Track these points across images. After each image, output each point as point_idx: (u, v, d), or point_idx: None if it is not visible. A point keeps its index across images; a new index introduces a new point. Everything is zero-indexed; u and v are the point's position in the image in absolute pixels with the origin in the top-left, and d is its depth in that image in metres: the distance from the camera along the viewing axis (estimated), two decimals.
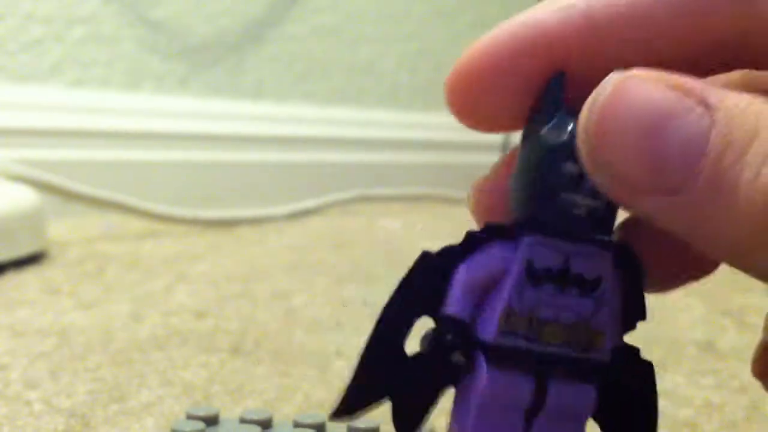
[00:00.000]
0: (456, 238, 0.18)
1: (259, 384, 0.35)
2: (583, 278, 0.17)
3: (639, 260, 0.17)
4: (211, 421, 0.26)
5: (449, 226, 0.87)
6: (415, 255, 0.18)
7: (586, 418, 0.17)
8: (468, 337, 0.17)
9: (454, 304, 0.17)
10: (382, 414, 0.28)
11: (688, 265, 0.19)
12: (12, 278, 0.54)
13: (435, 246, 0.18)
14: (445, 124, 1.25)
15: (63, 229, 0.71)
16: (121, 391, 0.33)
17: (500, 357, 0.17)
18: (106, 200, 0.71)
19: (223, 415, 0.27)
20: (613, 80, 0.14)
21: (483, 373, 0.17)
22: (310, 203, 0.92)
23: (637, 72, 0.14)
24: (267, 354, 0.39)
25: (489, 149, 1.19)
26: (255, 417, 0.26)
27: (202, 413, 0.26)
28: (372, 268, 0.62)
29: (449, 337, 0.17)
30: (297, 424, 0.26)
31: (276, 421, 0.27)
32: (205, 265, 0.61)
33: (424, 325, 0.17)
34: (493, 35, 0.18)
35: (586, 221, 0.16)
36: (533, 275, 0.16)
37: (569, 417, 0.17)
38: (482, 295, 0.17)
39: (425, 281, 0.17)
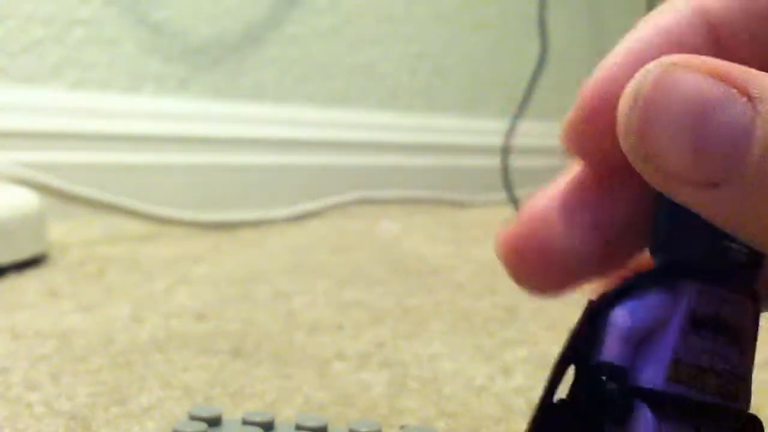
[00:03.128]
0: (456, 240, 0.18)
1: (260, 386, 0.35)
2: (729, 325, 0.16)
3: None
4: (214, 422, 0.26)
5: (449, 229, 0.87)
6: (414, 258, 0.18)
7: None
8: (626, 385, 0.16)
9: (614, 350, 0.17)
10: (382, 415, 0.28)
11: None
12: (13, 281, 0.54)
13: (433, 249, 0.18)
14: (445, 127, 1.26)
15: (63, 231, 0.71)
16: (122, 394, 0.33)
17: (665, 406, 0.16)
18: (107, 203, 0.71)
19: (225, 417, 0.27)
20: (654, 70, 0.14)
21: (649, 422, 0.16)
22: (310, 206, 0.92)
23: (678, 59, 0.14)
24: (267, 356, 0.39)
25: (488, 153, 1.19)
26: (257, 419, 0.26)
27: (204, 414, 0.26)
28: (372, 270, 0.62)
29: (609, 384, 0.16)
30: (299, 426, 0.26)
31: (278, 422, 0.27)
32: (205, 268, 0.61)
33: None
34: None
35: (738, 268, 0.16)
36: (696, 323, 0.16)
37: None
38: (640, 343, 0.17)
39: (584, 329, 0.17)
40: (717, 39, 0.16)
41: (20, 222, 0.59)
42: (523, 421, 0.31)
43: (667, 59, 0.14)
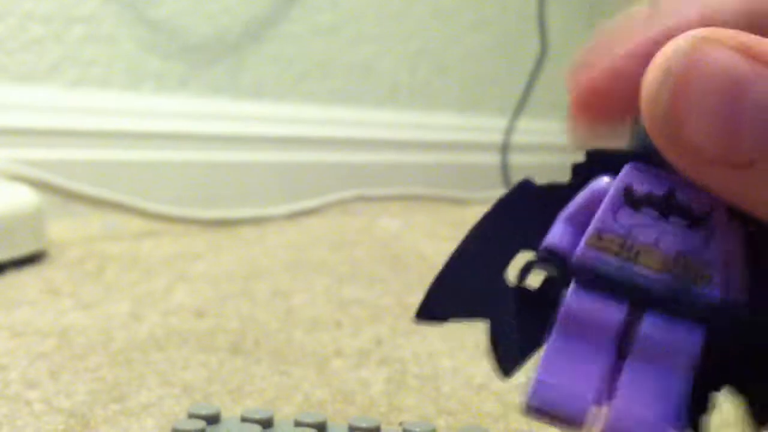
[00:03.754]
0: (456, 238, 0.18)
1: (259, 383, 0.35)
2: (691, 210, 0.15)
3: None
4: (213, 420, 0.26)
5: (448, 226, 0.87)
6: (414, 255, 0.18)
7: (690, 366, 0.15)
8: (562, 269, 0.16)
9: (554, 234, 0.16)
10: (382, 412, 0.28)
11: None
12: (12, 278, 0.54)
13: (433, 246, 0.18)
14: (445, 124, 1.26)
15: (63, 229, 0.71)
16: (121, 391, 0.33)
17: (590, 278, 0.15)
18: (106, 200, 0.71)
19: (224, 414, 0.27)
20: (684, 45, 0.14)
21: (570, 292, 0.16)
22: (309, 203, 0.92)
23: (708, 33, 0.14)
24: (267, 354, 0.39)
25: (488, 149, 1.19)
26: (256, 416, 0.26)
27: (203, 412, 0.26)
28: (372, 267, 0.62)
29: (548, 268, 0.16)
30: (298, 424, 0.26)
31: (277, 420, 0.27)
32: (204, 265, 0.61)
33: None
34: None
35: None
36: (631, 198, 0.15)
37: (667, 360, 0.15)
38: (585, 223, 0.16)
39: (527, 214, 0.16)
40: None
41: (19, 219, 0.59)
42: (523, 420, 0.31)
43: (697, 32, 0.14)
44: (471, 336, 0.44)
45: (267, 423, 0.26)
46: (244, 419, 0.26)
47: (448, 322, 0.17)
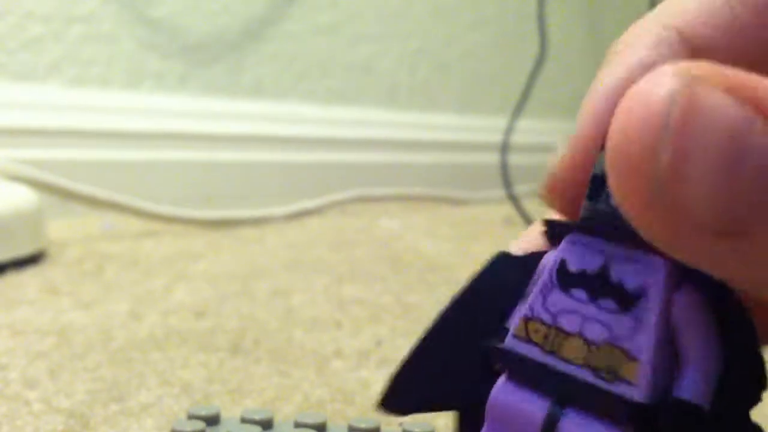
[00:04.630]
0: (455, 237, 0.18)
1: (259, 383, 0.35)
2: (623, 289, 0.14)
3: (742, 304, 0.13)
4: (212, 420, 0.26)
5: (448, 226, 0.87)
6: (414, 255, 0.17)
7: None
8: (494, 349, 0.15)
9: (511, 315, 0.15)
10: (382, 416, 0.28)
11: None
12: (11, 278, 0.54)
13: (432, 246, 0.17)
14: (444, 124, 1.26)
15: (62, 228, 0.71)
16: (121, 391, 0.33)
17: (518, 369, 0.15)
18: (105, 200, 0.71)
19: (224, 415, 0.27)
20: (681, 90, 0.12)
21: (498, 384, 0.15)
22: (309, 203, 0.92)
23: (699, 72, 0.12)
24: (266, 353, 0.39)
25: (487, 150, 1.19)
26: (256, 417, 0.26)
27: (203, 413, 0.26)
28: (371, 267, 0.62)
29: (490, 348, 0.15)
30: (297, 424, 0.26)
31: (277, 420, 0.27)
32: (204, 265, 0.61)
33: None
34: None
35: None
36: (564, 278, 0.14)
37: None
38: (519, 302, 0.15)
39: (500, 291, 0.15)
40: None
41: (19, 219, 0.59)
42: None
43: (687, 70, 0.12)
44: None
45: (267, 424, 0.26)
46: (243, 420, 0.26)
47: (414, 413, 0.16)
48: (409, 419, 0.32)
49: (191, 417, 0.26)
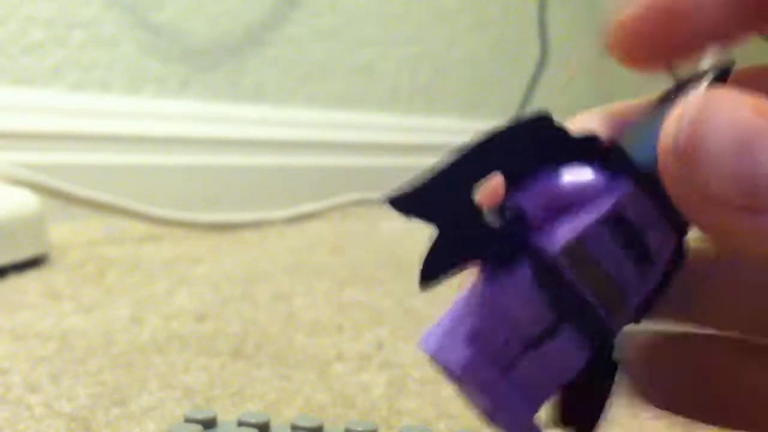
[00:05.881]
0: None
1: (260, 387, 0.35)
2: (643, 244, 0.15)
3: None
4: (209, 424, 0.26)
5: None
6: (414, 258, 0.17)
7: (563, 382, 0.16)
8: (523, 237, 0.16)
9: (530, 199, 0.16)
10: (382, 416, 0.28)
11: None
12: (13, 282, 0.54)
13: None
14: (446, 128, 1.26)
15: (64, 232, 0.71)
16: (122, 395, 0.33)
17: (545, 276, 0.15)
18: (107, 204, 0.71)
19: (222, 419, 0.27)
20: (695, 101, 0.14)
21: (526, 280, 0.15)
22: (310, 207, 0.92)
23: (720, 92, 0.14)
24: (267, 357, 0.39)
25: None
26: (252, 420, 0.26)
27: (200, 416, 0.26)
28: (373, 271, 0.62)
29: (509, 227, 0.16)
30: (294, 427, 0.26)
31: (274, 424, 0.27)
32: (205, 269, 0.61)
33: None
34: None
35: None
36: (615, 223, 0.15)
37: (552, 370, 0.15)
38: (558, 208, 0.16)
39: (527, 145, 0.16)
40: None
41: (21, 223, 0.59)
42: None
43: (708, 90, 0.14)
44: None
45: (263, 427, 0.26)
46: (240, 423, 0.26)
47: (410, 217, 0.17)
48: (409, 422, 0.32)
49: (188, 420, 0.26)
